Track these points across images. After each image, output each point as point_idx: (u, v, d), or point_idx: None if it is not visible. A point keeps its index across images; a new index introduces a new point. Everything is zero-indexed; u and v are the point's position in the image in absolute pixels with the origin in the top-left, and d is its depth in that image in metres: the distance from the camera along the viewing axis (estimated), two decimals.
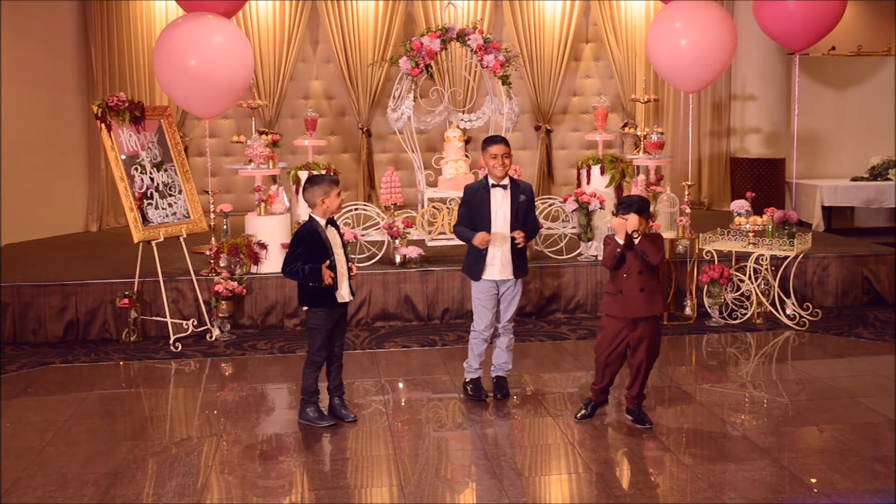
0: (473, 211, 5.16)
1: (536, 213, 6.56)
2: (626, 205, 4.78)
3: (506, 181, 5.14)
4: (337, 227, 4.98)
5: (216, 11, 7.19)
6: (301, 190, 5.15)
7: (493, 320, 5.27)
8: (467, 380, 5.39)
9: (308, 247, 4.78)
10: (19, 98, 8.96)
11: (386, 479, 4.26)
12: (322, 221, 4.85)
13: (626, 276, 4.76)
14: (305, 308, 4.95)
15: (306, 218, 4.94)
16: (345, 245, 5.06)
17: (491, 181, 5.15)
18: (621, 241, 4.74)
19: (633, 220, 4.70)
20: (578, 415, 4.99)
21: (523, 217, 5.18)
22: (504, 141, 5.18)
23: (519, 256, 5.17)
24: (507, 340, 5.33)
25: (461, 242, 7.39)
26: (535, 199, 7.79)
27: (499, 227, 5.12)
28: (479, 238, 5.06)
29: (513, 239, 5.09)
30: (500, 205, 5.13)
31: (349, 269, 4.98)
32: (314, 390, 4.95)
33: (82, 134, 9.94)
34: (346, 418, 4.98)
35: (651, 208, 7.43)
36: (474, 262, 5.20)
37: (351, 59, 10.94)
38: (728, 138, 11.04)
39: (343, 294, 4.92)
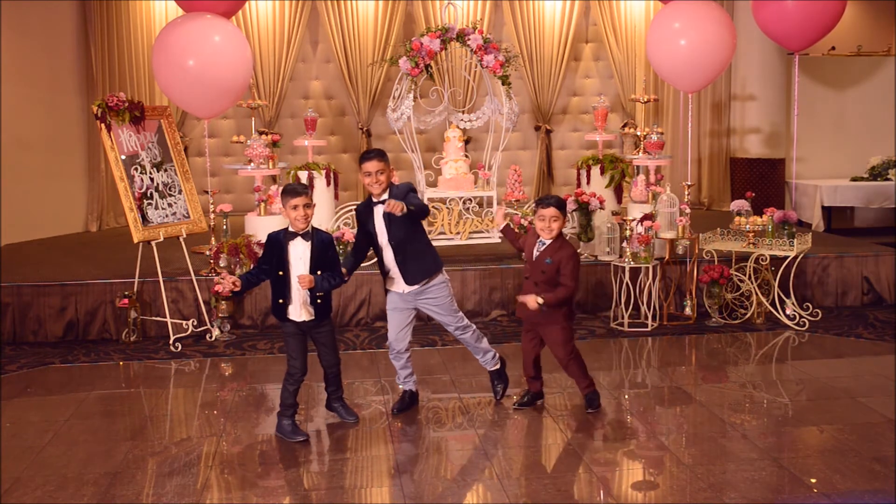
0: (367, 231, 4.94)
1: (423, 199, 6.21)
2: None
3: (384, 196, 4.82)
4: (315, 242, 4.61)
5: (215, 11, 7.19)
6: None
7: (404, 335, 5.00)
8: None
9: (266, 252, 4.71)
10: (19, 98, 8.96)
11: (386, 479, 4.26)
12: (294, 231, 4.60)
13: (527, 278, 4.96)
14: None
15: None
16: (324, 263, 4.64)
17: (373, 199, 4.89)
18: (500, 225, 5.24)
19: (530, 300, 4.77)
20: (516, 404, 5.17)
21: (406, 224, 4.83)
22: (378, 155, 4.82)
23: (406, 263, 4.89)
24: (470, 337, 5.14)
25: (461, 242, 7.50)
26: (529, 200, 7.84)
27: (383, 242, 4.90)
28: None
29: (399, 245, 4.86)
30: (380, 221, 4.87)
31: (314, 293, 4.60)
32: (290, 403, 4.75)
33: (82, 134, 9.94)
34: (347, 419, 4.98)
35: (651, 209, 7.49)
36: (384, 277, 5.03)
37: (351, 59, 10.94)
38: (728, 138, 11.03)
39: (293, 312, 4.64)
